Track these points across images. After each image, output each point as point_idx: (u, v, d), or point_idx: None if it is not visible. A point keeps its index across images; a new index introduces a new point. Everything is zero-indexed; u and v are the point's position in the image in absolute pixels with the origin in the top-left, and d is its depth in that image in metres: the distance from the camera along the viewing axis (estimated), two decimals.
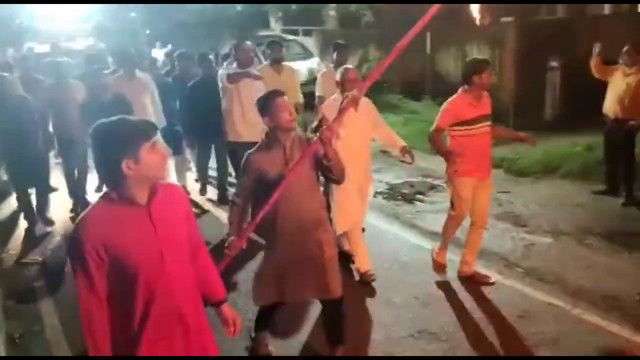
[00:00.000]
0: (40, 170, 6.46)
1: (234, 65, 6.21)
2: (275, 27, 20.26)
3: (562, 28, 10.58)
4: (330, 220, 3.86)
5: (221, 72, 6.28)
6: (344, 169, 3.37)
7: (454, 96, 4.58)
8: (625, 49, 6.37)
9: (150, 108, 6.69)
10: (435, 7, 2.99)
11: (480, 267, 4.91)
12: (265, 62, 6.80)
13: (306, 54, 15.68)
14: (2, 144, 6.18)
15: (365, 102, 4.75)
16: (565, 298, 4.48)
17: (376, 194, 6.75)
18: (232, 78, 6.06)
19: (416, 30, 2.98)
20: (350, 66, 4.95)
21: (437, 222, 6.20)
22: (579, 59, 7.38)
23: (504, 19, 11.09)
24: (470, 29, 12.13)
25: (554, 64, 10.07)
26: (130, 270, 2.15)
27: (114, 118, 2.18)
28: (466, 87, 4.50)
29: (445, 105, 4.59)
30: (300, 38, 17.07)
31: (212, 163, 7.39)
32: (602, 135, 6.80)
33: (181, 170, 7.62)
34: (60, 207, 7.11)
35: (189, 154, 7.90)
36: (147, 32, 19.04)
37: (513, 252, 5.37)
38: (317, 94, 6.59)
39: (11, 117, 5.99)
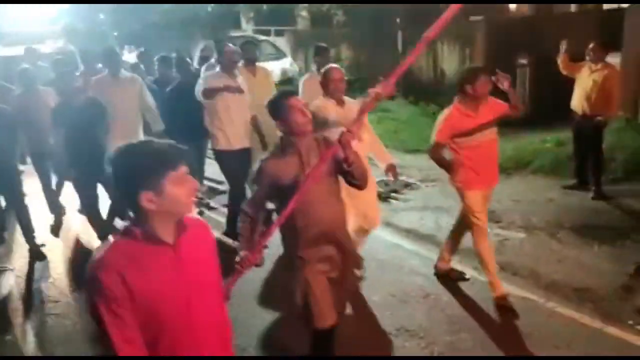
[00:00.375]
0: (10, 180, 5.88)
1: (217, 69, 5.89)
2: (247, 28, 20.19)
3: (530, 26, 10.77)
4: None
5: (199, 84, 5.83)
6: (366, 173, 3.14)
7: (450, 107, 4.35)
8: (591, 46, 6.49)
9: (136, 111, 6.36)
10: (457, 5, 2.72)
11: (455, 264, 4.97)
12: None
13: (278, 54, 15.69)
14: None
15: (358, 105, 4.43)
16: (538, 292, 4.57)
17: None
18: (208, 95, 5.69)
19: (441, 24, 2.65)
20: (335, 65, 4.74)
21: (412, 220, 6.29)
22: (547, 56, 7.51)
23: (472, 18, 11.24)
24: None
25: (523, 61, 10.23)
26: (153, 318, 1.88)
27: (136, 142, 1.92)
28: (460, 96, 4.29)
29: (440, 118, 4.37)
30: (272, 38, 17.07)
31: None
32: (571, 130, 6.93)
33: None
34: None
35: None
36: (115, 34, 18.71)
37: None
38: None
39: None
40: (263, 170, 3.09)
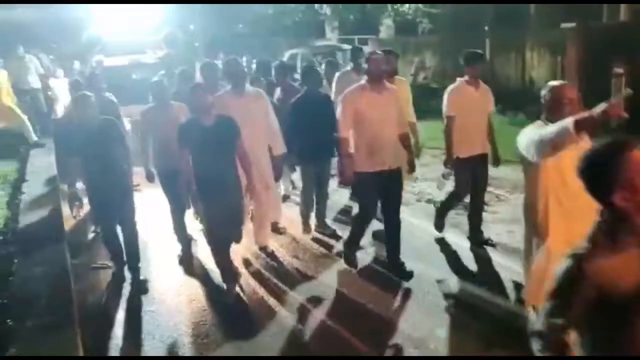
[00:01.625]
0: (126, 204, 5.46)
1: (363, 81, 5.13)
2: (332, 37, 20.49)
3: (626, 32, 10.31)
4: None
5: (340, 101, 5.19)
6: None
7: None
8: None
9: (263, 130, 5.72)
10: None
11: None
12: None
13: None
14: (85, 174, 5.41)
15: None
16: None
17: (434, 202, 6.71)
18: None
19: None
20: (562, 82, 3.82)
21: (499, 232, 6.15)
22: None
23: (564, 25, 10.90)
24: (530, 34, 11.95)
25: (619, 70, 9.81)
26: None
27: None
28: None
29: None
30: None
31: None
32: None
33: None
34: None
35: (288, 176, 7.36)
36: (197, 44, 19.19)
37: None
38: (449, 114, 5.78)
39: (98, 143, 5.19)
40: (581, 273, 1.79)
